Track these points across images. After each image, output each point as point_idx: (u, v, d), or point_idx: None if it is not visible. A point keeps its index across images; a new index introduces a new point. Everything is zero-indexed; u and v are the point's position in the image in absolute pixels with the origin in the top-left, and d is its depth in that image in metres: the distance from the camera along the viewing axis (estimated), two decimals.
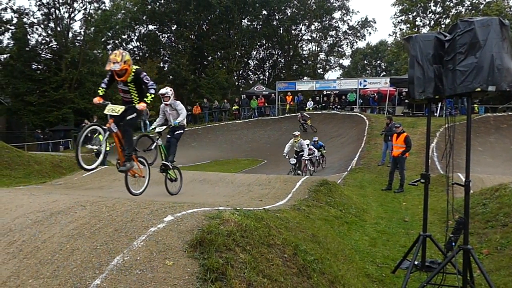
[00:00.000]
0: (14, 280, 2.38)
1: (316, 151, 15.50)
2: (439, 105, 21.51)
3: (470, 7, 35.32)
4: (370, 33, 69.70)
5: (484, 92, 3.62)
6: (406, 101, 22.86)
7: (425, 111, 22.03)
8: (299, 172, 12.94)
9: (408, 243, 5.64)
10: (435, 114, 21.27)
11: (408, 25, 38.39)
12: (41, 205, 3.48)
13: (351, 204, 7.96)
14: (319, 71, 53.08)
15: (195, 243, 2.74)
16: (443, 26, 36.07)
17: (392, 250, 5.72)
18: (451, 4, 37.03)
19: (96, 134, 5.79)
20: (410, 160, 12.90)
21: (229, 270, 2.60)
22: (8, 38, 30.92)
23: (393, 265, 4.95)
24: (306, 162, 13.95)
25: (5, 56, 30.45)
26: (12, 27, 29.71)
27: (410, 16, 38.59)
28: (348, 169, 14.23)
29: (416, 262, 4.37)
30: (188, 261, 2.57)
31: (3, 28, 28.86)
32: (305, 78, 47.25)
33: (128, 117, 5.85)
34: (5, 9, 29.09)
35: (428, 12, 38.28)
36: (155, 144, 7.34)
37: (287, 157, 12.95)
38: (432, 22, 37.85)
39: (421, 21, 38.82)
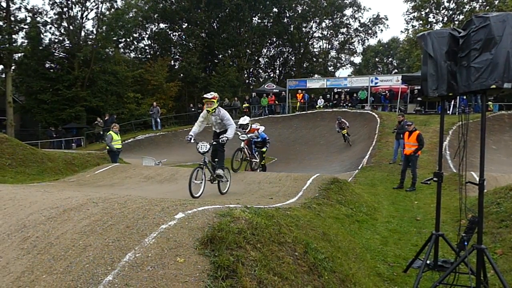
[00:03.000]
0: (28, 275, 2.41)
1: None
2: (452, 102, 21.21)
3: (484, 3, 34.63)
4: (381, 30, 69.49)
5: (499, 89, 3.56)
6: (419, 98, 22.61)
7: (437, 109, 21.76)
8: (220, 173, 7.26)
9: (420, 242, 5.58)
10: (448, 111, 20.97)
11: (421, 22, 37.84)
12: (54, 201, 3.52)
13: (362, 203, 7.90)
14: (330, 68, 52.83)
15: (206, 240, 2.75)
16: (456, 22, 35.49)
17: (403, 249, 5.67)
18: (465, 0, 36.43)
19: None
20: (422, 159, 12.76)
21: (240, 268, 2.60)
22: (22, 37, 31.37)
23: (404, 264, 4.90)
24: (245, 149, 9.26)
25: (19, 55, 30.90)
26: (26, 26, 30.10)
27: (423, 12, 38.01)
28: (359, 167, 14.13)
29: (428, 262, 4.33)
30: (199, 258, 2.58)
31: (17, 27, 29.24)
32: (316, 75, 46.99)
33: None
34: (19, 9, 29.49)
35: (441, 8, 37.67)
36: None
37: (192, 140, 7.07)
38: (445, 19, 37.23)
39: (434, 17, 38.26)
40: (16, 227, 2.99)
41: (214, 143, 7.47)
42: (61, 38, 33.78)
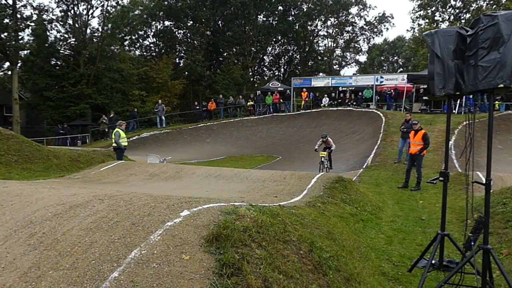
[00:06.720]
0: (35, 271, 2.43)
1: None
2: (458, 102, 21.09)
3: (491, 1, 34.32)
4: (387, 28, 69.15)
5: (507, 88, 3.53)
6: (424, 97, 22.51)
7: (443, 108, 21.65)
8: None
9: (424, 242, 5.56)
10: (454, 111, 20.84)
11: (427, 20, 37.58)
12: (60, 198, 3.54)
13: (367, 202, 7.88)
14: (335, 67, 52.64)
15: (211, 238, 2.75)
16: (463, 21, 35.22)
17: (408, 248, 5.65)
18: None
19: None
20: (428, 158, 12.70)
21: (245, 266, 2.60)
22: (28, 35, 31.57)
23: (409, 263, 4.89)
24: None
25: (25, 52, 31.08)
26: (32, 24, 30.26)
27: (429, 11, 37.76)
28: (364, 166, 14.09)
29: (433, 261, 4.31)
30: (204, 256, 2.58)
31: (23, 24, 29.40)
32: (321, 74, 46.88)
33: None
34: (25, 6, 29.67)
35: (447, 7, 37.41)
36: None
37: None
38: (452, 17, 36.98)
39: (440, 16, 37.99)
40: (22, 223, 3.01)
41: None
42: (66, 36, 33.99)
